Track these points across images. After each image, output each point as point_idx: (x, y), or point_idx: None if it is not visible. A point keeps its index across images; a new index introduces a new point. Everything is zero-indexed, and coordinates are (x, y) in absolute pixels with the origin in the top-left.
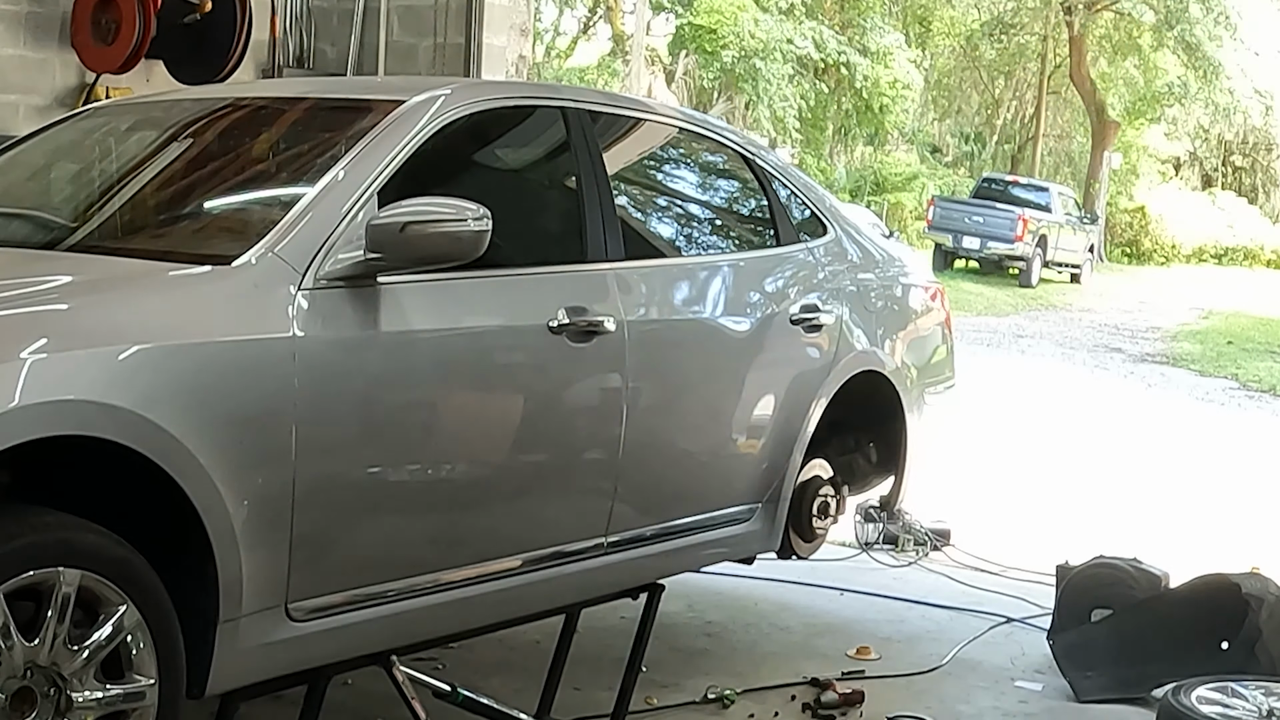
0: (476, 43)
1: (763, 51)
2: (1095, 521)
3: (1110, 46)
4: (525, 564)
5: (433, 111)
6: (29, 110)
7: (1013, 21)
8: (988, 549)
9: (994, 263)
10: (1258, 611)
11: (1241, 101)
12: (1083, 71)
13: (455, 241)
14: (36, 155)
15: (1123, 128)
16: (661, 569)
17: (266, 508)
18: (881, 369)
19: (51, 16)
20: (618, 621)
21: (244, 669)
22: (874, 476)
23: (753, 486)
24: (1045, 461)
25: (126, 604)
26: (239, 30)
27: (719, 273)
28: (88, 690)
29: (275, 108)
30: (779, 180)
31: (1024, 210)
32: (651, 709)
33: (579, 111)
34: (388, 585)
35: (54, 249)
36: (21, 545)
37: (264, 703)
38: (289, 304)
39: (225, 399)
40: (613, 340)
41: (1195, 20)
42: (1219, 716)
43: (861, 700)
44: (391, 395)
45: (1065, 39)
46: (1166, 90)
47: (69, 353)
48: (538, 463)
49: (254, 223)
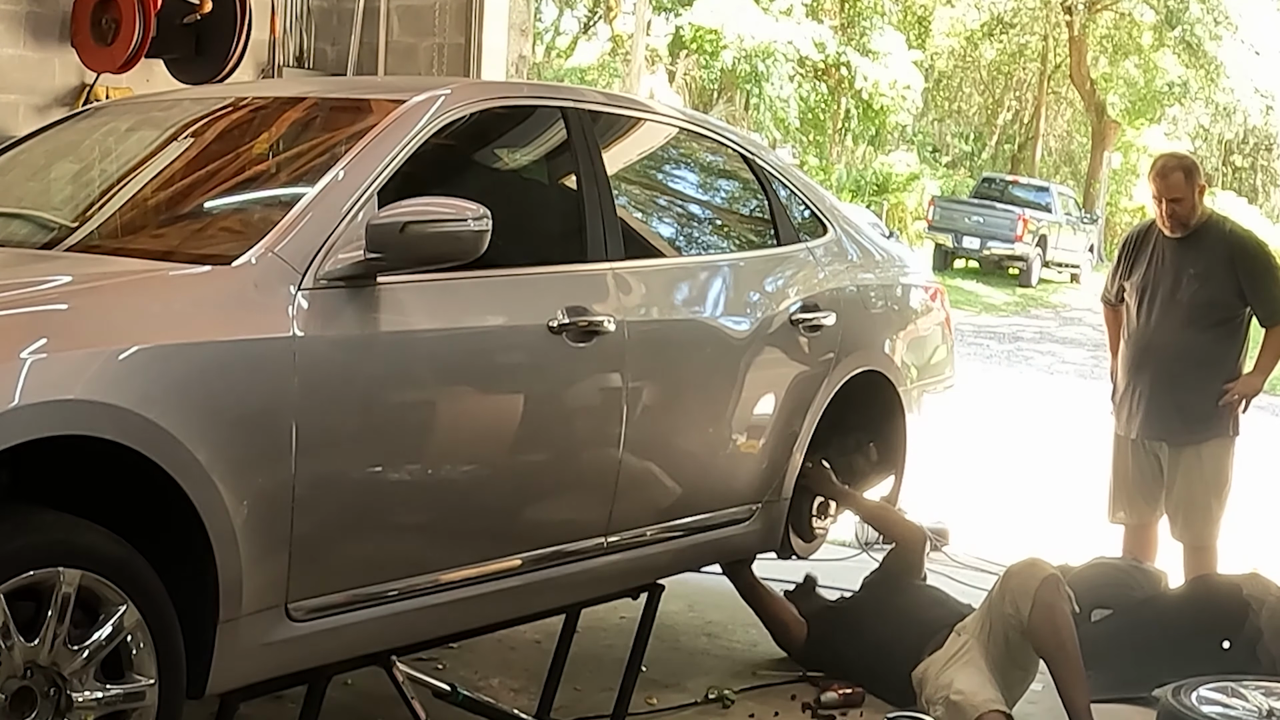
0: (476, 43)
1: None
2: (1095, 522)
3: (1110, 46)
4: (525, 564)
5: (433, 111)
6: (29, 110)
7: (1013, 21)
8: (988, 549)
9: (994, 263)
10: (1258, 612)
11: (1242, 101)
12: (1083, 71)
13: (455, 241)
14: (36, 155)
15: (1123, 128)
16: (661, 569)
17: (266, 508)
18: (881, 369)
19: (51, 16)
20: (618, 621)
21: (244, 669)
22: (874, 476)
23: (753, 486)
24: (1045, 461)
25: (126, 604)
26: (239, 30)
27: (719, 273)
28: (88, 690)
29: (275, 108)
30: (779, 180)
31: (1024, 210)
32: (651, 709)
33: (579, 111)
34: (388, 585)
35: (54, 249)
36: (21, 545)
37: (264, 703)
38: (289, 304)
39: (225, 399)
40: (612, 340)
41: (1196, 20)
42: (1219, 716)
43: (862, 700)
44: (391, 395)
45: (1065, 39)
46: (1166, 90)
47: (69, 353)
48: (538, 463)
49: (254, 223)
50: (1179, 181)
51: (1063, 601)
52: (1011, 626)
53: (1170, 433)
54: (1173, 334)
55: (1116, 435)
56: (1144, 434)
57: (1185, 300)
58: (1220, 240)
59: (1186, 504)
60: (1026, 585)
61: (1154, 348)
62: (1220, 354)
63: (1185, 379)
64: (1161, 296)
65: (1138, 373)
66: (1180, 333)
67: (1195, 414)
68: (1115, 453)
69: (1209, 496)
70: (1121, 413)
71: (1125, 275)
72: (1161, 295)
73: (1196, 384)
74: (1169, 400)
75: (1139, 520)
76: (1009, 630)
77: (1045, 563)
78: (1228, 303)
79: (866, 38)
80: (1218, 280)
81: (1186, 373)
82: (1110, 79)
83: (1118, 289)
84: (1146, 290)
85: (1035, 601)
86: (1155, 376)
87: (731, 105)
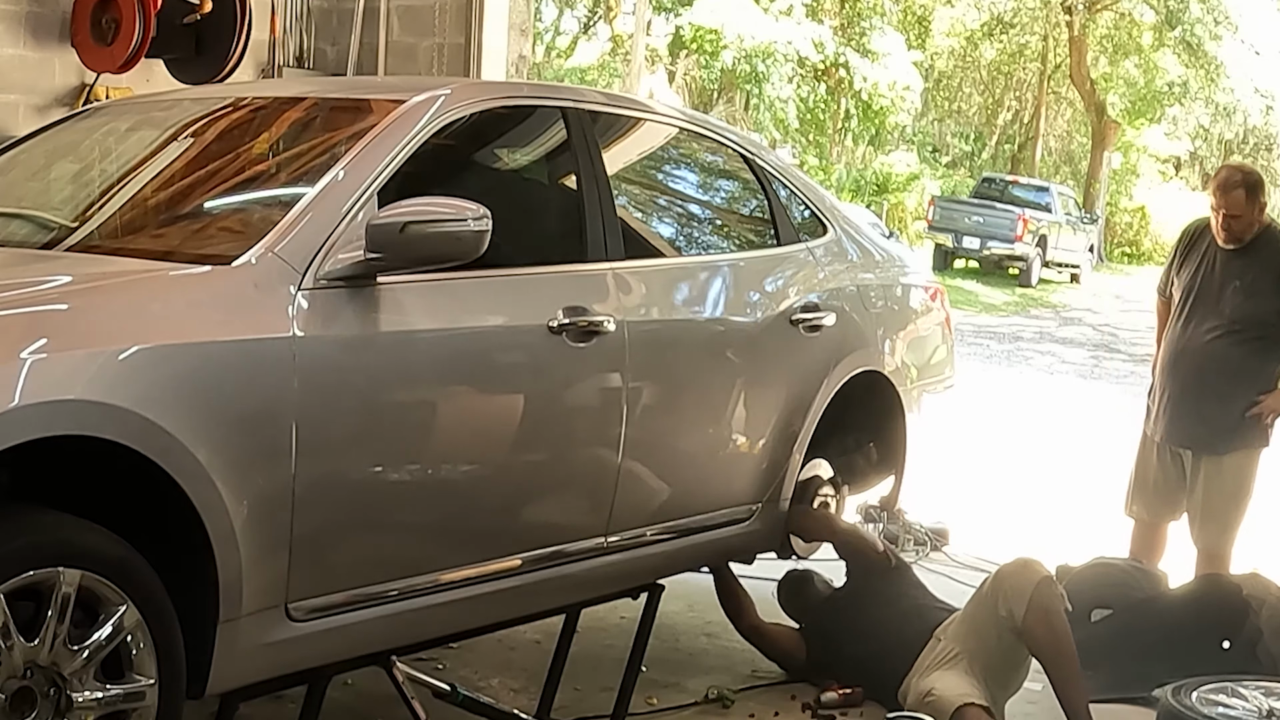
0: (476, 43)
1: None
2: (1094, 522)
3: (1110, 46)
4: (525, 564)
5: (433, 111)
6: (29, 110)
7: (1013, 21)
8: (987, 549)
9: (994, 262)
10: (1258, 612)
11: (1242, 101)
12: (1083, 71)
13: (455, 241)
14: (36, 155)
15: (1123, 128)
16: (661, 569)
17: (266, 508)
18: (881, 369)
19: (51, 16)
20: (618, 621)
21: (244, 669)
22: (874, 476)
23: (753, 486)
24: (1044, 461)
25: (126, 604)
26: (239, 30)
27: (719, 273)
28: (88, 690)
29: (275, 108)
30: (779, 180)
31: (1024, 210)
32: (651, 709)
33: (579, 111)
34: (388, 585)
35: (54, 249)
36: (21, 545)
37: (264, 703)
38: (289, 304)
39: (225, 399)
40: (612, 340)
41: (1196, 20)
42: (1220, 716)
43: (862, 700)
44: (391, 395)
45: (1065, 39)
46: (1166, 90)
47: (69, 353)
48: (537, 463)
49: (254, 223)
50: (1239, 200)
51: (1058, 603)
52: (1005, 628)
53: (1194, 440)
54: (1209, 343)
55: (1144, 433)
56: (1168, 439)
57: (1227, 311)
58: (1273, 255)
59: (1205, 512)
60: (1021, 588)
61: (1188, 354)
62: (1254, 368)
63: (1215, 389)
64: (1205, 303)
65: (1169, 376)
66: (1217, 342)
67: (1221, 425)
68: (1140, 450)
69: (1227, 506)
70: (1150, 414)
71: (1177, 270)
72: (1205, 302)
73: (1226, 395)
74: (1195, 409)
75: (1153, 519)
76: (1002, 632)
77: (1038, 564)
78: (1269, 319)
79: (866, 38)
80: (1263, 295)
81: (1217, 383)
82: (1110, 79)
83: (1168, 282)
84: (1191, 294)
85: (1030, 604)
86: (1185, 383)
87: (731, 105)
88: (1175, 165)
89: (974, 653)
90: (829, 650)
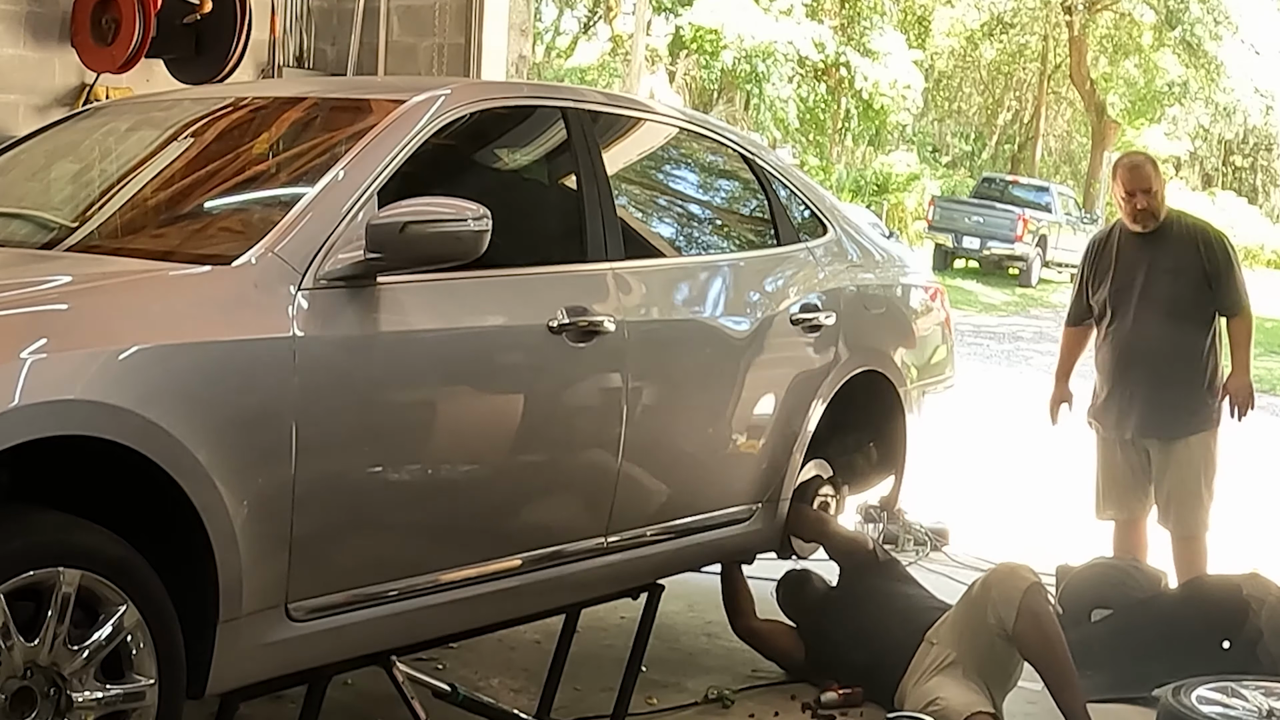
0: (476, 43)
1: (763, 53)
2: (1094, 522)
3: (1110, 46)
4: (525, 564)
5: (433, 111)
6: (29, 110)
7: (1013, 21)
8: (986, 549)
9: (994, 262)
10: (1258, 612)
11: (1242, 101)
12: (1083, 71)
13: (455, 241)
14: (36, 155)
15: (1123, 128)
16: (661, 569)
17: (266, 508)
18: (881, 369)
19: (51, 16)
20: (618, 621)
21: (244, 669)
22: (874, 476)
23: (753, 486)
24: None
25: (126, 604)
26: (239, 30)
27: (719, 273)
28: (88, 690)
29: (275, 108)
30: (779, 180)
31: (1024, 210)
32: (651, 709)
33: (579, 111)
34: (388, 585)
35: (54, 249)
36: (21, 545)
37: (264, 703)
38: (289, 304)
39: (225, 399)
40: (612, 340)
41: (1196, 20)
42: (1219, 716)
43: (861, 700)
44: (391, 395)
45: (1065, 39)
46: (1166, 90)
47: (69, 353)
48: (537, 463)
49: (254, 223)
50: (1149, 173)
51: (1048, 608)
52: (996, 635)
53: (1164, 427)
54: (1155, 331)
55: (1102, 438)
56: (1139, 433)
57: (1162, 296)
58: (1185, 233)
59: (1179, 495)
60: (1009, 595)
61: (1139, 347)
62: (1199, 346)
63: (1174, 374)
64: (1138, 296)
65: (1125, 374)
66: (1162, 329)
67: (1185, 407)
68: (1103, 453)
69: (1200, 486)
70: (1109, 416)
71: (1094, 287)
72: (1137, 295)
73: (1184, 378)
74: (1162, 397)
75: (1129, 515)
76: (994, 639)
77: (1025, 569)
78: (1200, 295)
79: (866, 38)
80: (1189, 273)
81: (1173, 368)
82: (1110, 79)
83: (1084, 307)
84: (1121, 293)
85: (1020, 611)
86: (1146, 375)
87: (731, 105)
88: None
89: (968, 657)
90: (825, 650)
